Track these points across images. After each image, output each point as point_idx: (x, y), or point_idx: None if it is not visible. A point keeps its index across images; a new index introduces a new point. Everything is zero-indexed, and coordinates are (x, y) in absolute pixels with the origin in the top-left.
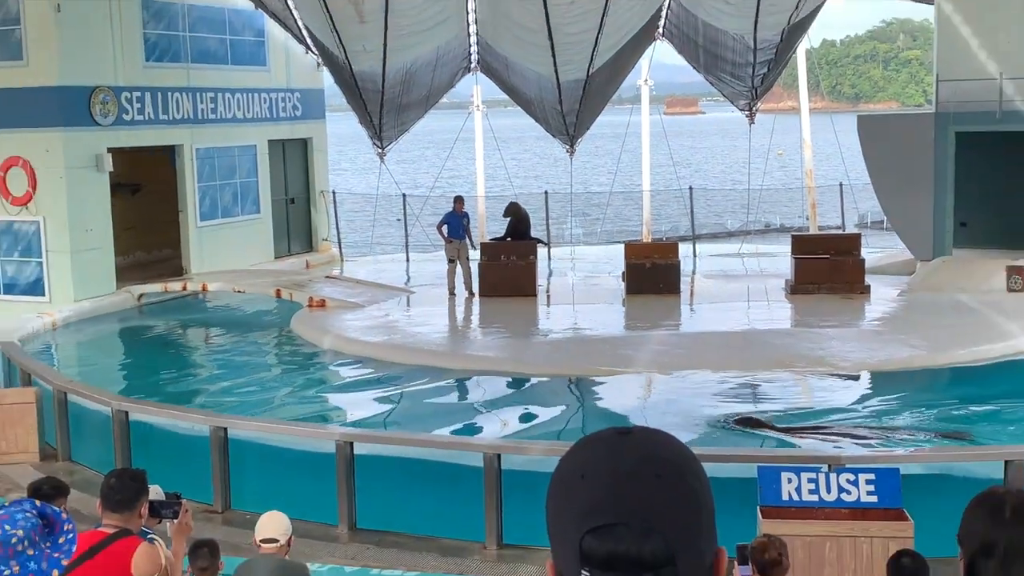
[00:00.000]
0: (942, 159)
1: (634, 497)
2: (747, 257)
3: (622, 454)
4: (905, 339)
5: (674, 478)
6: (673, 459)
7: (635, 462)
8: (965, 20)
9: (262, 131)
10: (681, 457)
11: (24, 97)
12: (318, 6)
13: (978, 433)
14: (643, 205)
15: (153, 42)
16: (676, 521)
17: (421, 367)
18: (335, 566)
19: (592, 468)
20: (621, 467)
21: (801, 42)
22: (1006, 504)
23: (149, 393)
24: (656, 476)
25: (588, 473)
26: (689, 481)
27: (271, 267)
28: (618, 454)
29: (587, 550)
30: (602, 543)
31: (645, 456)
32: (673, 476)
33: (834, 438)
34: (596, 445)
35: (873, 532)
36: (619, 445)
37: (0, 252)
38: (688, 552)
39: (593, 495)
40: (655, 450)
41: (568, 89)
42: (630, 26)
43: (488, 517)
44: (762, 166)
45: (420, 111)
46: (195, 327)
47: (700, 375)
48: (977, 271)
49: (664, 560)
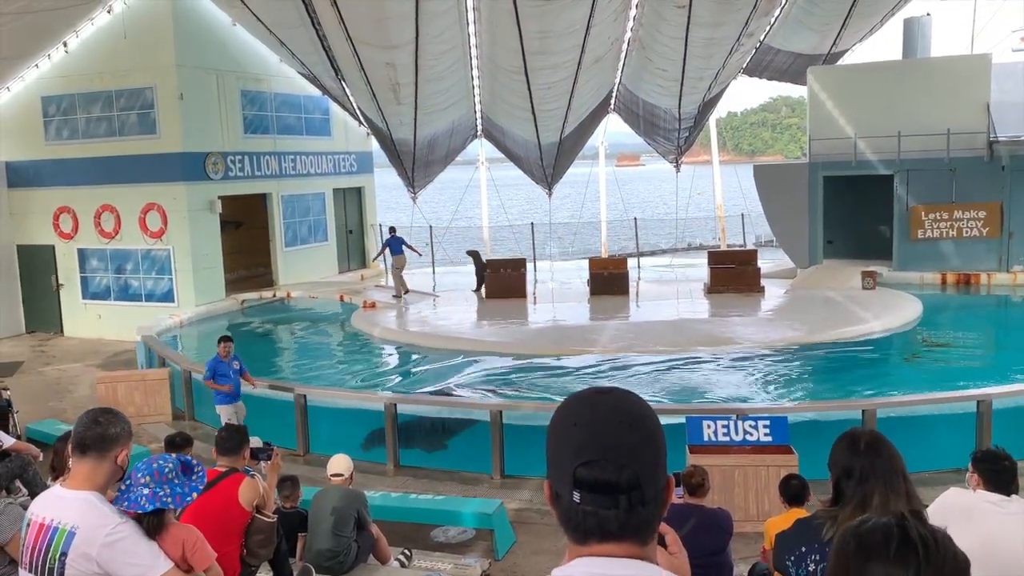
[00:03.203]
0: (814, 195)
1: (611, 440)
2: (676, 267)
3: (602, 408)
4: (790, 324)
5: (639, 426)
6: (638, 412)
7: (611, 414)
8: (829, 97)
9: (328, 182)
10: (644, 410)
11: (157, 160)
12: (367, 92)
13: (841, 391)
14: (601, 230)
15: (249, 119)
16: (641, 458)
17: (445, 350)
18: (385, 493)
19: (581, 418)
20: (602, 418)
21: (712, 113)
22: (860, 440)
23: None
24: (627, 424)
25: (579, 422)
26: (650, 428)
27: (336, 279)
28: (599, 408)
29: (579, 478)
30: (590, 473)
31: (618, 410)
32: (639, 425)
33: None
34: (583, 401)
35: (769, 462)
36: (600, 401)
37: (142, 271)
38: (649, 480)
39: (583, 438)
40: (625, 405)
41: (546, 149)
42: (590, 103)
43: (493, 456)
44: (686, 202)
45: (441, 166)
46: (282, 323)
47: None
48: (840, 275)
49: (633, 485)
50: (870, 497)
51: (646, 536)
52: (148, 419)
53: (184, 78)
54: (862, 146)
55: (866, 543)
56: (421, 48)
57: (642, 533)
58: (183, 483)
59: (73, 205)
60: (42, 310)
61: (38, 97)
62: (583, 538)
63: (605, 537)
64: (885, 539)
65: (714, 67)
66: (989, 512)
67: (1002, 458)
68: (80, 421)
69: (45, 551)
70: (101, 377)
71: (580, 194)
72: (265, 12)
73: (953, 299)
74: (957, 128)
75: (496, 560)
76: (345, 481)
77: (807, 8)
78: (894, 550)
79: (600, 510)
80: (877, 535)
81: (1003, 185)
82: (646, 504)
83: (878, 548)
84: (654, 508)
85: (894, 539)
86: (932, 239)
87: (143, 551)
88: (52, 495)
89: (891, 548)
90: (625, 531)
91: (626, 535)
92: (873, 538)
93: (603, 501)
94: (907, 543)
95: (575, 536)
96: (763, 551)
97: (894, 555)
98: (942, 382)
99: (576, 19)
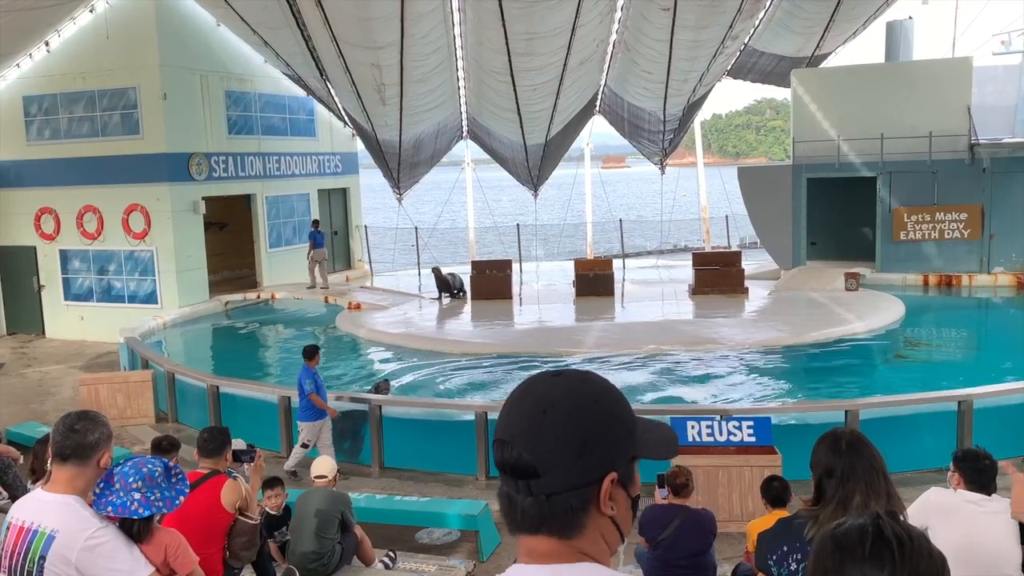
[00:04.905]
0: (798, 197)
1: (519, 425)
2: (661, 268)
3: (532, 390)
4: (774, 325)
5: (560, 416)
6: (568, 401)
7: (533, 396)
8: (812, 99)
9: (313, 183)
10: (578, 400)
11: (141, 161)
12: (353, 93)
13: (825, 391)
14: (587, 232)
15: (233, 120)
16: (543, 447)
17: (430, 351)
18: (369, 495)
19: (511, 398)
20: (521, 399)
21: (697, 116)
22: (842, 440)
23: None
24: (542, 412)
25: (507, 402)
26: (577, 420)
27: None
28: (530, 391)
29: (494, 456)
30: (499, 451)
31: (545, 396)
32: (560, 414)
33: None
34: (524, 384)
35: (752, 462)
36: (538, 384)
37: (125, 272)
38: (553, 473)
39: (500, 416)
40: (556, 393)
41: (532, 150)
42: (576, 105)
43: (479, 457)
44: (671, 204)
45: (427, 167)
46: (266, 325)
47: (629, 352)
48: (824, 276)
49: (529, 472)
50: (851, 496)
51: (564, 530)
52: (131, 421)
53: (167, 78)
54: (845, 148)
55: (842, 543)
56: (406, 49)
57: (557, 526)
58: (169, 487)
59: (55, 206)
60: (23, 311)
61: (20, 97)
62: (513, 529)
63: (529, 528)
64: (860, 538)
65: (699, 69)
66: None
67: (983, 458)
68: (57, 428)
69: (24, 554)
70: (83, 379)
71: (566, 196)
72: (249, 12)
73: (935, 300)
74: (939, 131)
75: (481, 562)
76: (329, 483)
77: (791, 11)
78: (869, 549)
79: (512, 493)
80: (853, 535)
81: (984, 187)
82: (553, 496)
83: (853, 547)
84: (565, 502)
85: (868, 538)
86: (914, 241)
87: (124, 556)
88: (33, 498)
89: (866, 547)
90: (529, 520)
91: (536, 526)
92: (849, 538)
93: (508, 483)
94: (882, 541)
95: (509, 527)
96: (746, 552)
97: (869, 554)
98: (924, 383)
99: (561, 21)
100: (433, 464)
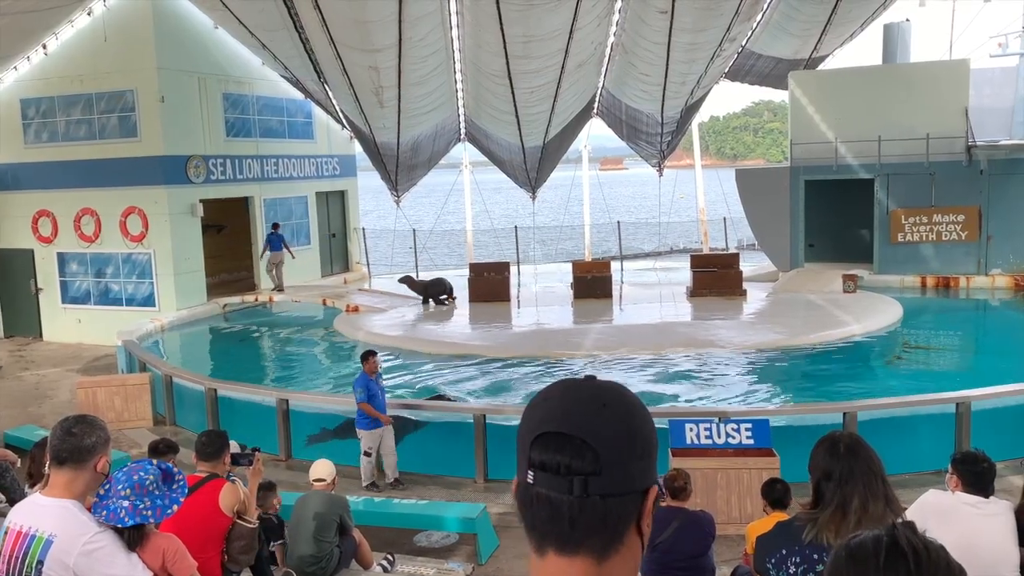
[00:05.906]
0: (795, 199)
1: (580, 416)
2: (658, 271)
3: (580, 389)
4: (772, 327)
5: (619, 412)
6: (621, 400)
7: (589, 394)
8: (810, 102)
9: (311, 185)
10: (628, 401)
11: (139, 164)
12: (351, 96)
13: (823, 393)
14: (585, 234)
15: (231, 123)
16: (608, 443)
17: (428, 353)
18: (368, 497)
19: (554, 394)
20: (573, 395)
21: (694, 118)
22: (840, 443)
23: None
24: (603, 405)
25: (550, 397)
26: (631, 419)
27: (319, 283)
28: (577, 389)
29: (533, 452)
30: (546, 447)
31: (597, 393)
32: (619, 411)
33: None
34: (564, 382)
35: (751, 465)
36: (581, 384)
37: (123, 275)
38: (613, 470)
39: (549, 410)
40: (608, 391)
41: (530, 152)
42: (573, 108)
43: (477, 459)
44: (668, 206)
45: (425, 169)
46: (264, 328)
47: (627, 354)
48: (822, 278)
49: (592, 470)
50: (850, 500)
51: (606, 546)
52: (128, 424)
53: (165, 81)
54: (843, 150)
55: (856, 554)
56: (404, 52)
57: (601, 539)
58: (163, 494)
59: (53, 209)
60: (21, 314)
61: (17, 99)
62: (539, 542)
63: (576, 541)
64: (875, 549)
65: (696, 72)
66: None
67: (981, 460)
68: (54, 432)
69: (22, 559)
70: (81, 382)
71: (563, 198)
72: (246, 14)
73: (933, 302)
74: (936, 133)
75: (479, 564)
76: (328, 486)
77: (788, 13)
78: (883, 560)
79: (552, 493)
80: (867, 546)
81: (981, 189)
82: (606, 497)
83: (867, 559)
84: (619, 508)
85: (883, 549)
86: (912, 243)
87: (121, 561)
88: (31, 503)
89: (880, 558)
90: (577, 530)
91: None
92: (863, 549)
93: (555, 483)
94: (897, 552)
95: (531, 540)
96: (745, 555)
97: (883, 565)
98: (922, 384)
99: (559, 23)
100: (431, 467)
